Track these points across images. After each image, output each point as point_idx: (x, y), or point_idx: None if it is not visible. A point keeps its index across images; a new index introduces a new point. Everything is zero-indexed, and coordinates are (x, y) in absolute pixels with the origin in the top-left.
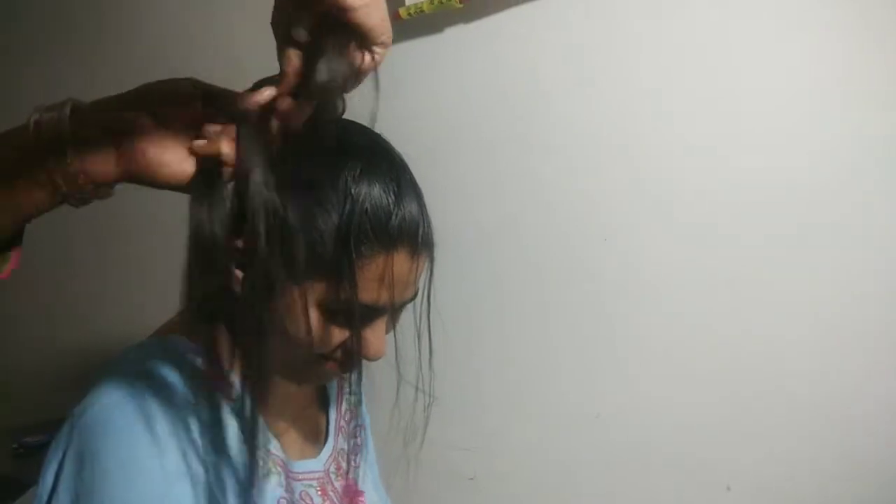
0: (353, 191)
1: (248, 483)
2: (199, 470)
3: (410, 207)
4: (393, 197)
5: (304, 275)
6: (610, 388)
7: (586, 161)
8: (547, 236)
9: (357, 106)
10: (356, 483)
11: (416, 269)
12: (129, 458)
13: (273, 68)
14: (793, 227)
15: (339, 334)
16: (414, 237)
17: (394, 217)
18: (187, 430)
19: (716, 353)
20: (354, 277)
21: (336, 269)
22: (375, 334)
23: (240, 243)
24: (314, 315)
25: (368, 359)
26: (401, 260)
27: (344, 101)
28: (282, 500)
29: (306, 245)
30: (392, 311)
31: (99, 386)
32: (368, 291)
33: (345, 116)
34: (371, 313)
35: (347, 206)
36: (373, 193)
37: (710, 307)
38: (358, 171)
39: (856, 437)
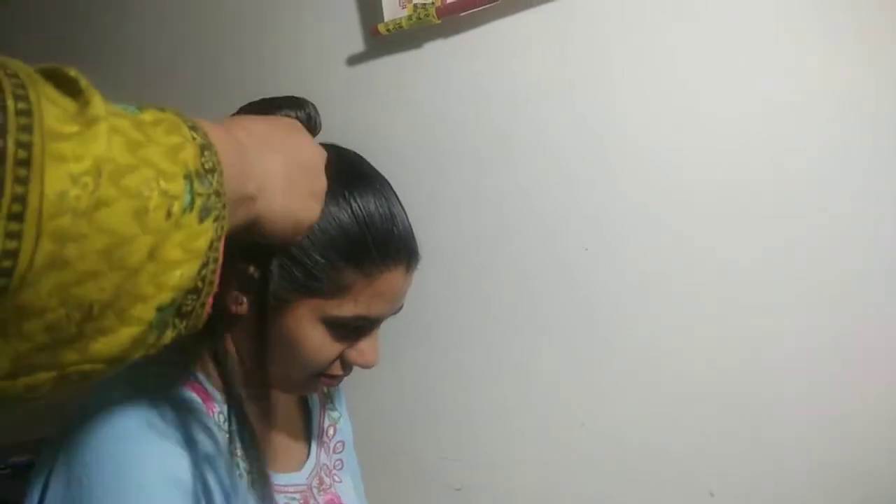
0: (354, 210)
1: (235, 495)
2: (187, 481)
3: (404, 224)
4: (389, 215)
5: (309, 293)
6: (595, 396)
7: (567, 172)
8: (531, 247)
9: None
10: (339, 498)
11: (409, 282)
12: (119, 469)
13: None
14: (776, 231)
15: (338, 347)
16: (409, 253)
17: (393, 235)
18: (177, 442)
19: (699, 359)
20: (359, 294)
21: (341, 287)
22: (372, 345)
23: (252, 268)
24: (318, 331)
25: (367, 367)
26: (399, 274)
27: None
28: None
29: (312, 265)
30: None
31: (86, 402)
32: (370, 306)
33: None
34: (370, 326)
35: (349, 226)
36: (372, 212)
37: (693, 314)
38: (356, 190)
39: (842, 442)
